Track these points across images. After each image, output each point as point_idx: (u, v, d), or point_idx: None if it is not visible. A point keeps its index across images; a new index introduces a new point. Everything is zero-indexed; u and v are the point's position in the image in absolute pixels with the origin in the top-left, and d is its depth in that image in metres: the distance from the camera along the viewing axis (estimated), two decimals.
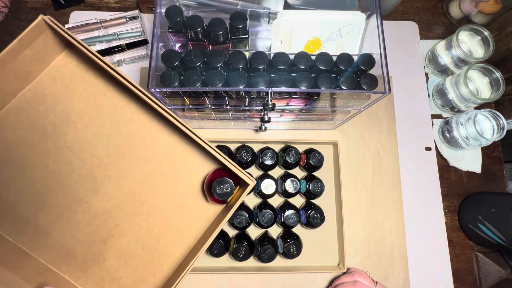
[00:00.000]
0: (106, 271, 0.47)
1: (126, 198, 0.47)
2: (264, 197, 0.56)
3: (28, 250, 0.46)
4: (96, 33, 0.62)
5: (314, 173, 0.58)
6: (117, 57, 0.62)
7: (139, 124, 0.46)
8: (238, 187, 0.46)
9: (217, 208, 0.49)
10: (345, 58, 0.41)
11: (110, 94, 0.45)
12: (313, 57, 0.41)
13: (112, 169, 0.46)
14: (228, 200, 0.46)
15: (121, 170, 0.47)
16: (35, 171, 0.45)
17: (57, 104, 0.45)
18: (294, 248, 0.52)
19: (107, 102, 0.46)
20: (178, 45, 0.45)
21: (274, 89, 0.39)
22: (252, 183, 0.43)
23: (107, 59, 0.62)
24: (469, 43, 0.63)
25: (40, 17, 0.37)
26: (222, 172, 0.47)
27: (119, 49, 0.62)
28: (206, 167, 0.48)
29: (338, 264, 0.56)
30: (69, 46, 0.44)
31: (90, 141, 0.46)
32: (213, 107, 0.48)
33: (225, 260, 0.55)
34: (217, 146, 0.56)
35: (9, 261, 0.43)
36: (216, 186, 0.44)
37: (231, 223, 0.53)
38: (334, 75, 0.41)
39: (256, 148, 0.59)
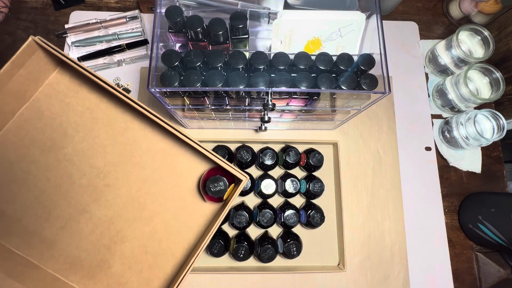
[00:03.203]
0: (112, 277, 0.48)
1: (126, 205, 0.48)
2: (264, 197, 0.56)
3: (36, 262, 0.47)
4: (96, 33, 0.62)
5: (314, 173, 0.58)
6: (117, 57, 0.62)
7: (133, 132, 0.48)
8: (233, 184, 0.47)
9: (214, 206, 0.49)
10: (345, 58, 0.41)
11: (104, 106, 0.47)
12: (313, 57, 0.41)
13: (111, 177, 0.48)
14: (224, 198, 0.46)
15: (119, 178, 0.48)
16: (38, 186, 0.47)
17: (54, 119, 0.46)
18: (294, 248, 0.52)
19: (101, 114, 0.47)
20: (178, 45, 0.45)
21: (274, 89, 0.39)
22: (245, 179, 0.43)
23: (106, 59, 0.62)
24: (469, 43, 0.63)
25: (31, 38, 0.37)
26: (215, 171, 0.47)
27: (119, 49, 0.62)
28: (201, 168, 0.49)
29: (338, 264, 0.56)
30: (61, 63, 0.45)
31: (87, 152, 0.47)
32: (213, 107, 0.48)
33: (225, 260, 0.55)
34: (217, 146, 0.56)
35: (19, 273, 0.44)
36: (210, 184, 0.44)
37: (231, 223, 0.53)
38: (334, 75, 0.41)
39: (256, 148, 0.59)
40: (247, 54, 0.41)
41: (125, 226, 0.48)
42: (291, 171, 0.59)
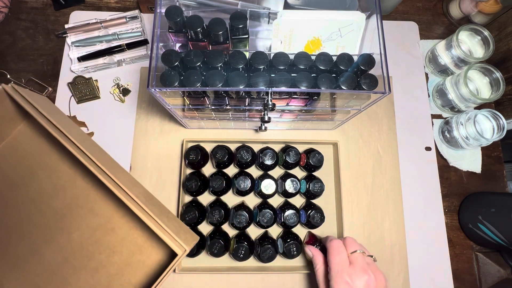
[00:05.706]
0: None
1: (75, 252, 0.47)
2: (264, 197, 0.56)
3: None
4: (96, 33, 0.62)
5: (314, 173, 0.58)
6: (117, 57, 0.62)
7: (93, 177, 0.46)
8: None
9: (160, 265, 0.48)
10: (345, 58, 0.41)
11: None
12: (313, 57, 0.41)
13: (66, 221, 0.47)
14: None
15: (73, 222, 0.48)
16: (1, 222, 0.47)
17: (26, 158, 0.48)
18: (294, 248, 0.52)
19: (68, 156, 0.47)
20: (178, 45, 0.45)
21: (274, 89, 0.39)
22: (180, 253, 0.40)
23: (106, 59, 0.62)
24: (469, 43, 0.63)
25: (1, 86, 0.39)
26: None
27: (119, 49, 0.62)
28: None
29: None
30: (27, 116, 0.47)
31: (49, 193, 0.47)
32: (213, 107, 0.48)
33: (225, 260, 0.55)
34: (217, 146, 0.56)
35: None
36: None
37: (231, 223, 0.53)
38: (334, 75, 0.41)
39: (256, 148, 0.59)
40: (247, 54, 0.41)
41: (71, 273, 0.47)
42: (291, 171, 0.59)
